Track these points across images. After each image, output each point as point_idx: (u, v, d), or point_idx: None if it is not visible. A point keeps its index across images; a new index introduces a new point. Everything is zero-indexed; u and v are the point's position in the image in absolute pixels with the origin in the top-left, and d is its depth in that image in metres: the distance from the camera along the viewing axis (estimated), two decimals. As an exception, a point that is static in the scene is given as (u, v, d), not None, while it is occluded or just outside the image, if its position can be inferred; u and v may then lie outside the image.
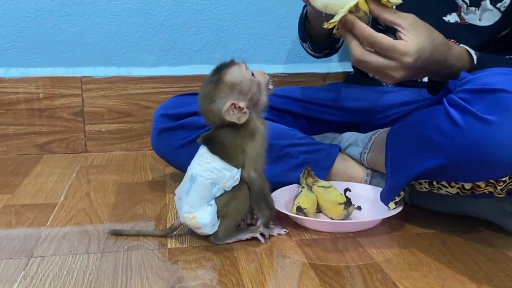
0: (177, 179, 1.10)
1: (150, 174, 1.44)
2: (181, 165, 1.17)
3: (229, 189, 0.98)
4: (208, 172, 0.97)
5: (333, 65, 1.75)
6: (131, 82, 1.64)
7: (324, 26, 0.93)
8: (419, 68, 0.93)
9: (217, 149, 0.98)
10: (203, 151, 0.99)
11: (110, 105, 1.64)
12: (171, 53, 1.66)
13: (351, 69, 1.53)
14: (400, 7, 1.28)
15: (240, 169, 0.98)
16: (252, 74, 1.00)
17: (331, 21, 0.92)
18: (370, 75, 1.39)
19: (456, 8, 1.23)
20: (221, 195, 0.98)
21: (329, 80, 1.72)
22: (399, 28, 0.92)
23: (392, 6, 0.94)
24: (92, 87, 1.63)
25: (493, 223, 1.07)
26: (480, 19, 1.21)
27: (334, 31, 0.98)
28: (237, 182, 0.98)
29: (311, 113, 1.35)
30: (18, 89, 1.59)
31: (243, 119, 0.97)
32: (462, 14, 1.22)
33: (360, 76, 1.44)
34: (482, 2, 1.19)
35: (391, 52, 0.91)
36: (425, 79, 1.20)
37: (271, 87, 1.02)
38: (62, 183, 1.36)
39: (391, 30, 1.29)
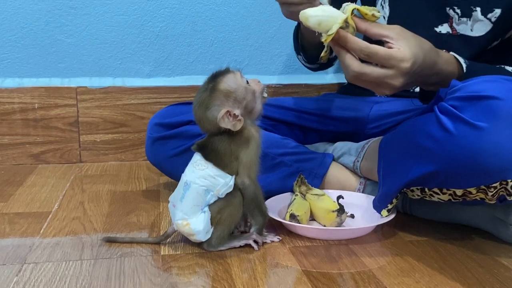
0: (171, 188, 1.10)
1: (144, 184, 1.45)
2: (175, 174, 1.17)
3: (223, 196, 0.98)
4: (202, 179, 0.97)
5: (328, 77, 1.76)
6: (126, 93, 1.65)
7: (323, 40, 0.94)
8: (414, 74, 0.95)
9: (211, 156, 0.99)
10: (197, 158, 1.00)
11: (105, 115, 1.65)
12: (166, 64, 1.68)
13: (345, 81, 1.54)
14: (391, 19, 1.30)
15: (234, 176, 0.98)
16: (247, 82, 1.01)
17: (328, 33, 0.92)
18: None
19: (447, 19, 1.24)
20: (215, 202, 0.98)
21: (324, 91, 1.73)
22: (387, 39, 0.93)
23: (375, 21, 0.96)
24: (87, 98, 1.63)
25: (485, 231, 1.07)
26: (471, 30, 1.23)
27: (322, 54, 0.99)
28: (230, 189, 0.98)
29: (304, 123, 1.36)
30: (13, 99, 1.60)
31: (238, 127, 0.97)
32: (454, 24, 1.24)
33: (353, 87, 1.44)
34: (473, 13, 1.21)
35: (389, 61, 0.92)
36: (417, 89, 1.21)
37: (265, 95, 1.03)
38: (56, 192, 1.36)
39: (377, 44, 1.31)
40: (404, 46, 0.92)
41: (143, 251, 1.00)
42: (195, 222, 0.97)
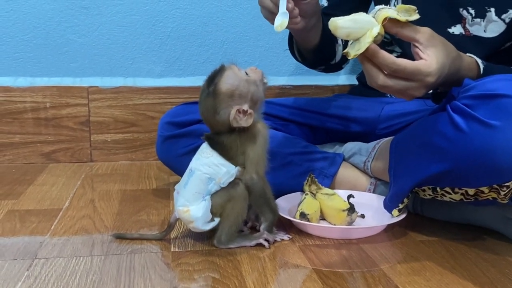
0: (181, 186, 1.11)
1: (155, 183, 1.45)
2: (185, 172, 1.18)
3: (225, 185, 0.98)
4: (206, 166, 0.97)
5: (339, 78, 1.76)
6: (137, 93, 1.66)
7: (350, 58, 0.92)
8: (436, 83, 0.94)
9: (217, 147, 0.99)
10: (204, 146, 1.00)
11: (116, 115, 1.66)
12: (177, 64, 1.68)
13: (356, 82, 1.54)
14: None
15: (237, 168, 0.98)
16: (246, 74, 0.99)
17: (355, 52, 0.90)
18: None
19: (460, 20, 1.24)
20: (217, 193, 0.98)
21: (335, 93, 1.73)
22: (417, 44, 0.92)
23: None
24: (99, 97, 1.64)
25: (497, 231, 1.07)
26: (485, 31, 1.22)
27: (345, 51, 0.94)
28: (232, 178, 0.98)
29: (314, 123, 1.35)
30: (25, 98, 1.61)
31: (250, 121, 0.97)
32: (467, 25, 1.23)
33: (364, 88, 1.44)
34: (487, 13, 1.20)
35: (415, 75, 0.91)
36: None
37: (265, 80, 1.02)
38: (67, 190, 1.37)
39: (396, 42, 1.30)
40: (432, 56, 0.91)
41: (153, 247, 1.00)
42: (194, 209, 0.97)
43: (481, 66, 1.02)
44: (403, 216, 1.06)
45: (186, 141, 1.24)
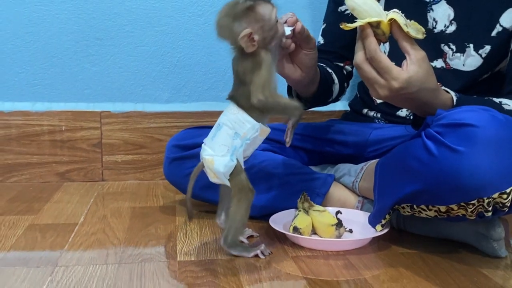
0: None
1: (162, 201, 1.57)
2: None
3: (249, 141, 1.07)
4: (233, 122, 1.07)
5: (335, 104, 1.86)
6: (146, 117, 1.79)
7: (341, 26, 1.05)
8: (402, 98, 1.06)
9: (241, 102, 1.07)
10: (230, 105, 1.10)
11: (126, 137, 1.78)
12: (183, 91, 1.81)
13: (348, 108, 1.66)
14: (391, 54, 1.40)
15: (260, 124, 1.08)
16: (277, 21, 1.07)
17: (348, 25, 1.04)
18: (364, 111, 1.53)
19: (442, 55, 1.36)
20: (241, 176, 1.08)
21: (330, 117, 1.84)
22: (407, 57, 1.04)
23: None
24: (110, 121, 1.77)
25: (470, 245, 1.18)
26: (463, 65, 1.35)
27: (342, 25, 1.06)
28: (257, 133, 1.08)
29: (309, 146, 1.47)
30: (42, 121, 1.74)
31: (249, 49, 1.03)
32: (447, 60, 1.36)
33: (355, 114, 1.57)
34: (467, 49, 1.33)
35: (384, 73, 1.03)
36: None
37: (284, 40, 1.10)
38: (81, 207, 1.48)
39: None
40: (409, 70, 1.02)
41: (161, 257, 1.12)
42: (218, 161, 1.07)
43: (455, 99, 1.14)
44: (386, 230, 1.18)
45: (191, 162, 1.35)
